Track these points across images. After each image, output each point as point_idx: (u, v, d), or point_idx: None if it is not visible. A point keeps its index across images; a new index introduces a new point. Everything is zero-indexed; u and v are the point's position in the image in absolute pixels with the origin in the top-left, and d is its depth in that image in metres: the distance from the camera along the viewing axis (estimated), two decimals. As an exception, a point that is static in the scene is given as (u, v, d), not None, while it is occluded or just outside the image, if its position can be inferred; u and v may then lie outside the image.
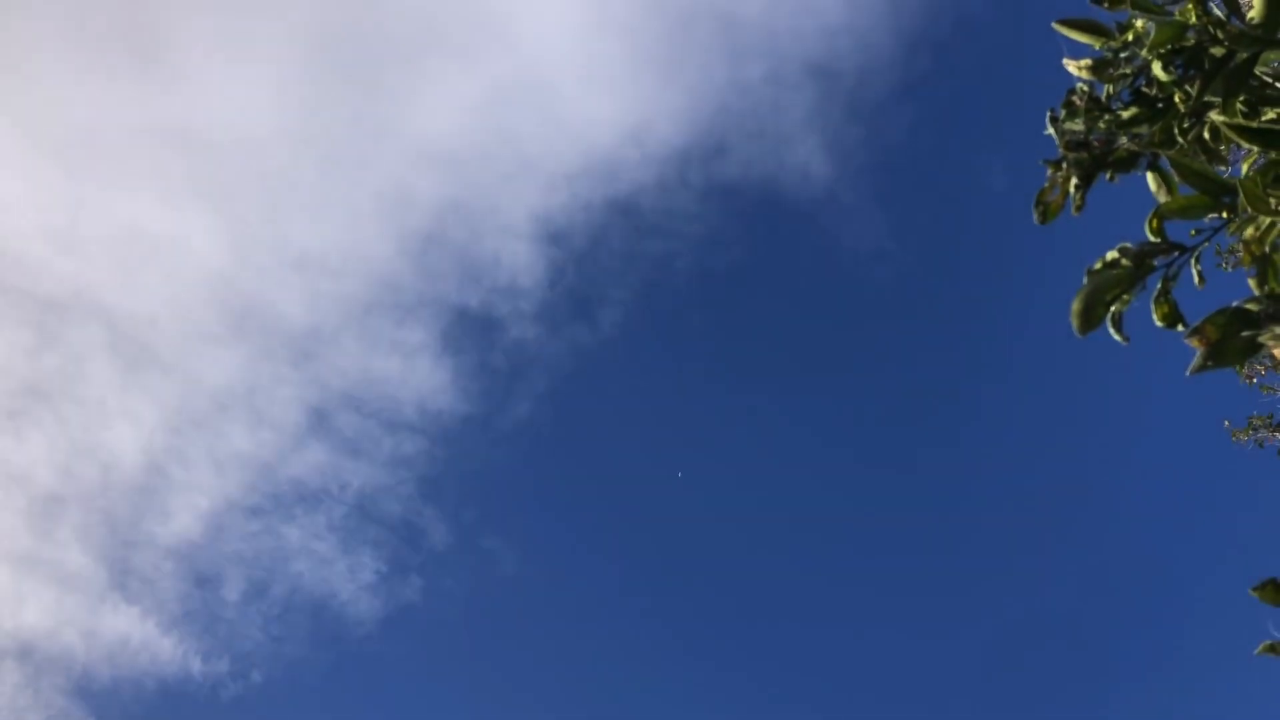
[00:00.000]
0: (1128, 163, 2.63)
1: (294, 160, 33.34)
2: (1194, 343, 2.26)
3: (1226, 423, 9.70)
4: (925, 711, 29.39)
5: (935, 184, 31.48)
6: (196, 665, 29.99)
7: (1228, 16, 2.54)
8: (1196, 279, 2.51)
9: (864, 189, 30.87)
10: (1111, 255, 2.45)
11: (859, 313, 33.00)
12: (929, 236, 31.98)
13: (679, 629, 32.18)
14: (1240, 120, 2.51)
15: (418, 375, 32.43)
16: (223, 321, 32.53)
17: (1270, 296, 2.33)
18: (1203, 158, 2.61)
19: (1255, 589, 2.43)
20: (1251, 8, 2.52)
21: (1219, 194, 2.46)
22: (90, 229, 32.17)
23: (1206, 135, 2.62)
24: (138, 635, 30.24)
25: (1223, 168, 2.60)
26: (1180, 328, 2.46)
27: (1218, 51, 2.53)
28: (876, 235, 31.10)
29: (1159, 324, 2.48)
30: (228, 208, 33.94)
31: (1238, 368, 2.32)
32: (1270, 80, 2.57)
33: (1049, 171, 2.64)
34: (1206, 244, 2.48)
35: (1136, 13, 2.61)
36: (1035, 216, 2.61)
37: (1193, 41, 2.56)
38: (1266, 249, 2.48)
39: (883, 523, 32.42)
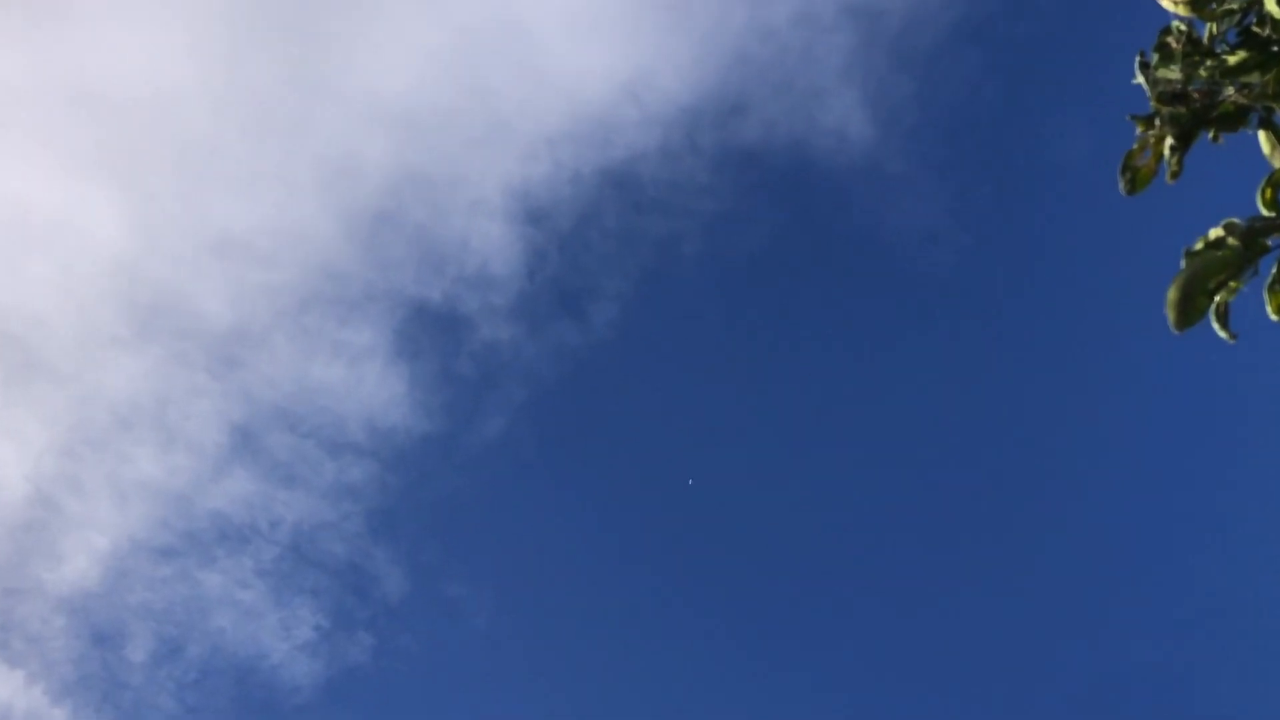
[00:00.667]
0: (1235, 119, 2.59)
1: (214, 124, 33.03)
2: (1317, 340, 2.23)
3: None
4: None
5: (1001, 148, 31.33)
6: (95, 742, 29.56)
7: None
8: (1321, 262, 2.48)
9: (914, 155, 30.67)
10: (1215, 233, 2.42)
11: (908, 307, 32.69)
12: (993, 212, 31.69)
13: (682, 694, 31.93)
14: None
15: (366, 385, 32.33)
16: (127, 320, 32.27)
17: None
18: (1328, 113, 2.57)
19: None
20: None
21: (1348, 157, 2.43)
22: (-35, 207, 31.98)
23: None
24: (22, 705, 30.09)
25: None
26: (1300, 322, 2.43)
27: (1345, -19, 2.50)
28: (930, 212, 30.86)
29: (1274, 318, 2.45)
30: (133, 182, 33.53)
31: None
32: None
33: (1138, 130, 2.61)
34: (1332, 219, 2.45)
35: (1245, -66, 2.58)
36: (1121, 186, 2.58)
37: (1315, -31, 2.53)
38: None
39: (941, 540, 32.20)
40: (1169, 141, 2.60)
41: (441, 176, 32.51)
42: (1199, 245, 2.43)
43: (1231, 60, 2.51)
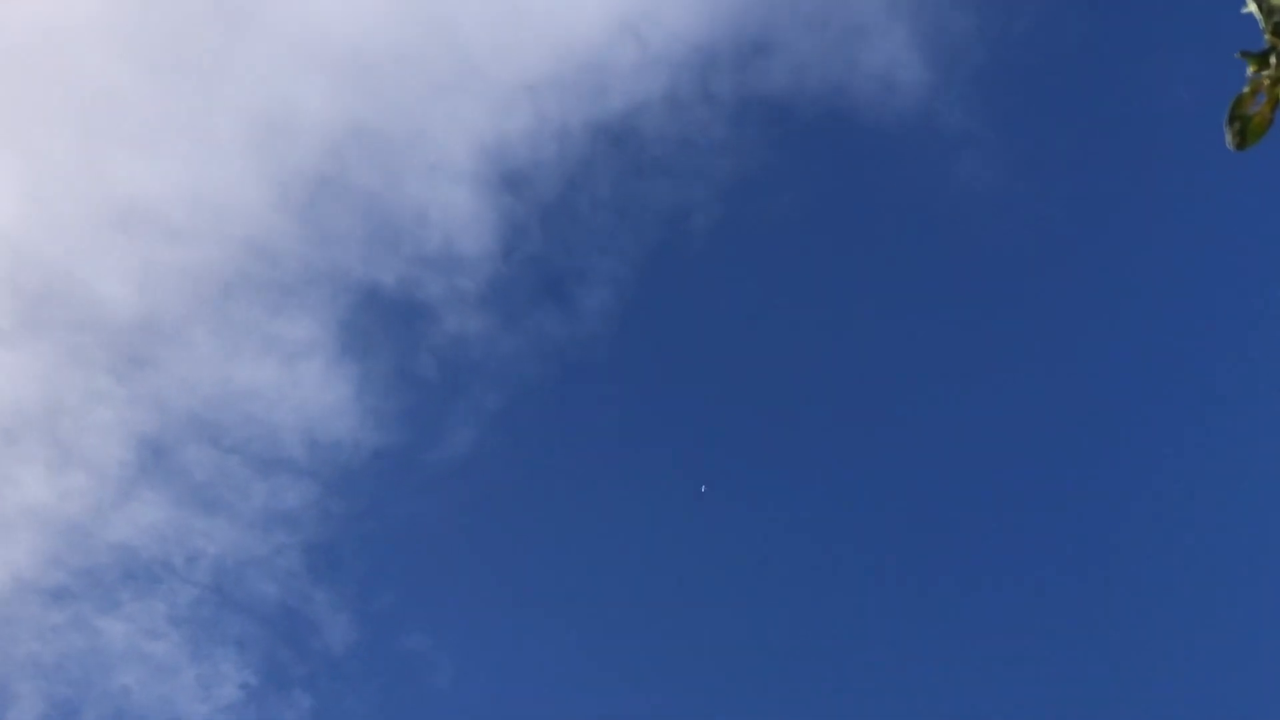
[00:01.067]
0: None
1: (118, 69, 32.45)
2: None
3: None
4: None
5: (1084, 95, 31.59)
6: (-26, 824, 29.41)
7: None
8: None
9: (979, 104, 30.62)
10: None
11: (974, 287, 32.53)
12: (1074, 173, 31.78)
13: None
14: None
15: (305, 389, 32.05)
16: (10, 309, 31.87)
17: None
18: None
19: None
20: None
21: None
22: None
23: None
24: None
25: None
26: None
27: None
28: (998, 173, 30.80)
29: None
30: (19, 139, 33.15)
31: None
32: None
33: (1250, 70, 2.56)
34: None
35: None
36: (1229, 139, 2.52)
37: None
38: None
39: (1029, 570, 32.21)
40: (1289, 84, 2.53)
41: (397, 133, 32.27)
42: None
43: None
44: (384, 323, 32.72)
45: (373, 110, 32.40)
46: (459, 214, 31.60)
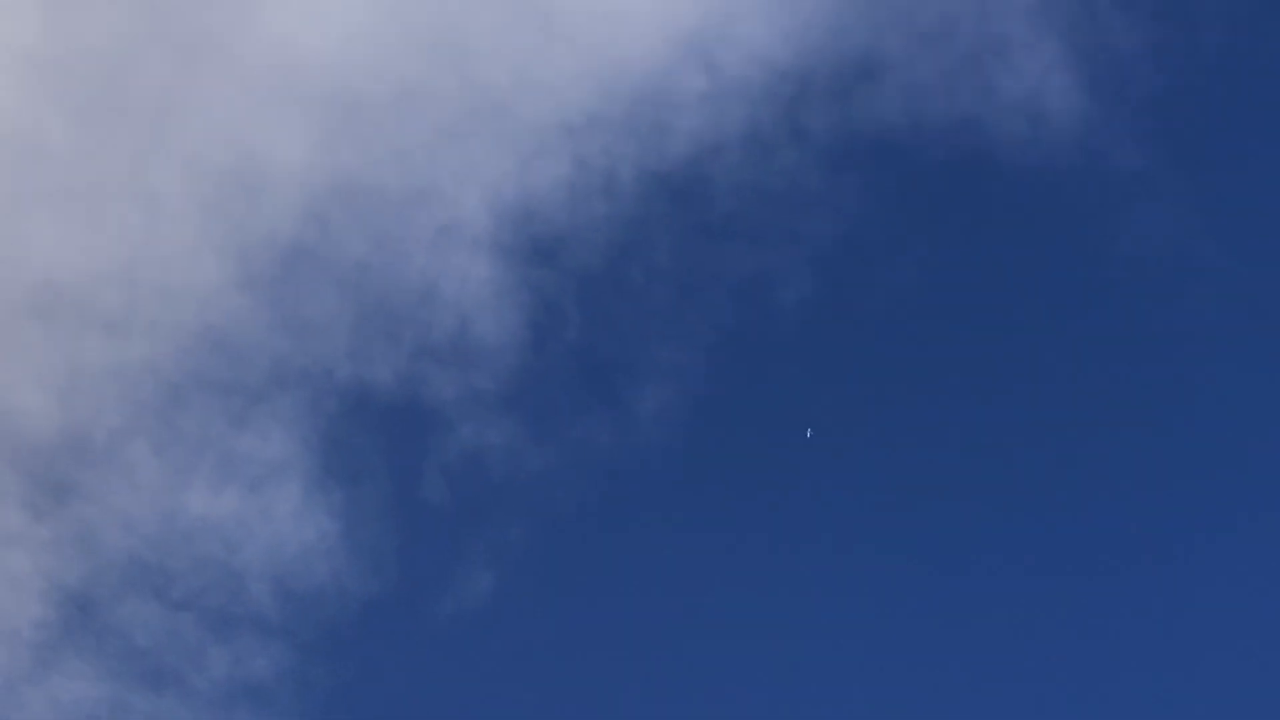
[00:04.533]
0: None
1: (28, 108, 32.52)
2: None
3: None
4: None
5: None
6: None
7: None
8: None
9: (1155, 141, 30.52)
10: None
11: (1151, 371, 31.14)
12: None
13: None
14: None
15: (276, 523, 30.94)
16: None
17: None
18: None
19: None
20: None
21: None
22: None
23: None
24: None
25: None
26: None
27: None
28: (1181, 230, 30.40)
29: None
30: None
31: None
32: None
33: None
34: None
35: None
36: None
37: None
38: None
39: None
40: None
41: (393, 188, 32.24)
42: None
43: None
44: (378, 434, 32.08)
45: (363, 160, 32.74)
46: (476, 291, 31.65)
